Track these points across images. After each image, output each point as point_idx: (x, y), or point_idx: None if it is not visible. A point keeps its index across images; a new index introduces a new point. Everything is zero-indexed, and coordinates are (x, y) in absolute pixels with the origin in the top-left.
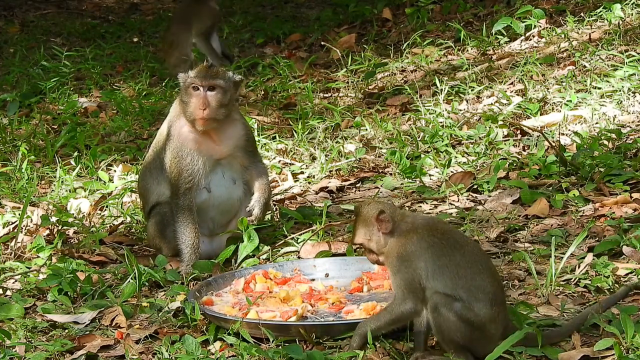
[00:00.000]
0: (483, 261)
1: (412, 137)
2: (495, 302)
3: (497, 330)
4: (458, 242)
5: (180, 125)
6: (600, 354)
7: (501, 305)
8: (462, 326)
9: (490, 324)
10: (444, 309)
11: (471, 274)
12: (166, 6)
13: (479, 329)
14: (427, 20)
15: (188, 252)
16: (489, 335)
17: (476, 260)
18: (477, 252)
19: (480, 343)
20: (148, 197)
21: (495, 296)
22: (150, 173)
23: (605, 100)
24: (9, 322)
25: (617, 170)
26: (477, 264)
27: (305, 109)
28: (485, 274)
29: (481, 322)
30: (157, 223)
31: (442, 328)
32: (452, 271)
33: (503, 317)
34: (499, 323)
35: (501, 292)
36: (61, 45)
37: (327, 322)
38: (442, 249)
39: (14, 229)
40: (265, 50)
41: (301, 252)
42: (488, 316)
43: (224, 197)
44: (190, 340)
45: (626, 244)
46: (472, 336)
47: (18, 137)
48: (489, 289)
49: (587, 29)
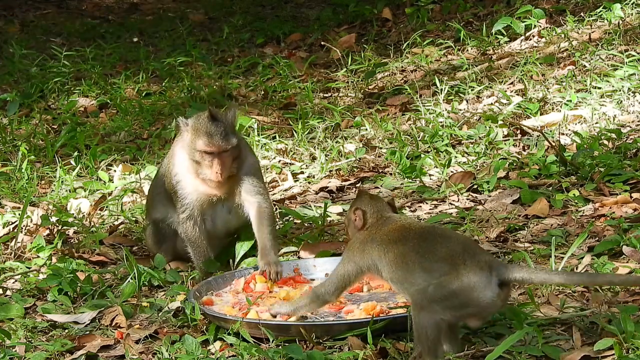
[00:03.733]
0: (430, 237)
1: (412, 137)
2: (453, 257)
3: (474, 278)
4: (404, 236)
5: (187, 173)
6: (600, 354)
7: (463, 255)
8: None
9: (460, 280)
10: (423, 308)
11: (417, 257)
12: (166, 6)
13: (456, 293)
14: (427, 20)
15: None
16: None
17: (420, 243)
18: (424, 234)
19: (473, 302)
20: (153, 211)
21: (451, 252)
22: (157, 195)
23: (605, 100)
24: (9, 322)
25: (617, 170)
26: (421, 246)
27: (305, 109)
28: (432, 246)
29: (452, 287)
30: (154, 235)
31: (419, 326)
32: (398, 262)
33: (475, 263)
34: (469, 272)
35: (460, 245)
36: (61, 45)
37: (327, 322)
38: (388, 246)
39: (14, 229)
40: (265, 50)
41: (301, 252)
42: (454, 275)
43: (219, 226)
44: (190, 340)
45: (626, 243)
46: (458, 304)
47: (18, 137)
48: (442, 253)
49: (587, 29)
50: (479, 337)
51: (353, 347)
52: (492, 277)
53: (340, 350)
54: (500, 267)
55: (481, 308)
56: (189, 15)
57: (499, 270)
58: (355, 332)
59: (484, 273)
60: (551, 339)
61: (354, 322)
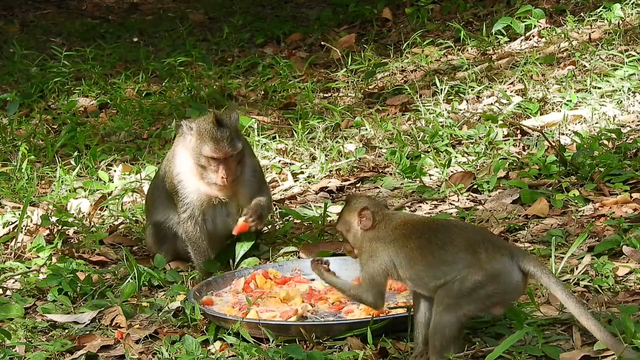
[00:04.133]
0: (444, 229)
1: (412, 137)
2: (473, 246)
3: (497, 265)
4: (418, 230)
5: (189, 175)
6: (600, 354)
7: (483, 243)
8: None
9: (484, 269)
10: (448, 306)
11: (436, 250)
12: (166, 6)
13: (483, 283)
14: (427, 20)
15: (198, 258)
16: (496, 277)
17: (436, 234)
18: (438, 226)
19: (499, 290)
20: (153, 213)
21: (470, 242)
22: (158, 196)
23: (605, 100)
24: (9, 322)
25: (617, 170)
26: (438, 237)
27: (305, 109)
28: (450, 237)
29: (479, 278)
30: (154, 236)
31: (438, 324)
32: (416, 256)
33: (496, 250)
34: (492, 260)
35: (478, 234)
36: (61, 45)
37: (327, 322)
38: (402, 240)
39: (14, 229)
40: (265, 50)
41: (301, 252)
42: (477, 266)
43: (220, 227)
44: (190, 340)
45: (626, 243)
46: (484, 294)
47: (18, 137)
48: (462, 243)
49: (587, 29)
50: (479, 337)
51: (352, 347)
52: (513, 262)
53: (340, 350)
54: (520, 255)
55: (507, 295)
56: (189, 15)
57: (519, 257)
58: (355, 332)
59: (506, 259)
60: (551, 339)
61: (353, 322)
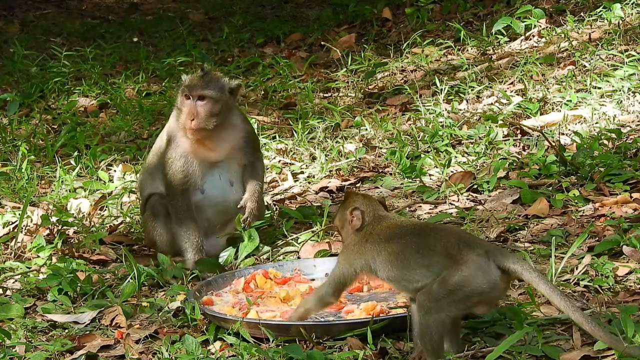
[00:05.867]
0: (422, 233)
1: (412, 137)
2: (448, 249)
3: (473, 266)
4: (398, 234)
5: (176, 129)
6: (600, 354)
7: (458, 245)
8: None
9: (460, 270)
10: (430, 309)
11: (413, 254)
12: (166, 6)
13: (460, 285)
14: (427, 20)
15: (191, 251)
16: (473, 278)
17: (413, 239)
18: (417, 230)
19: (477, 290)
20: (142, 192)
21: (446, 245)
22: (147, 172)
23: (605, 100)
24: (9, 322)
25: (617, 170)
26: (414, 242)
27: (305, 108)
28: (426, 241)
29: (455, 280)
30: (149, 215)
31: (424, 327)
32: (393, 260)
33: (471, 250)
34: (467, 261)
35: (454, 236)
36: (61, 45)
37: (327, 322)
38: (382, 244)
39: (14, 229)
40: (265, 50)
41: (301, 252)
42: (454, 268)
43: (219, 198)
44: (190, 340)
45: (626, 243)
46: (463, 296)
47: (18, 137)
48: (438, 247)
49: (587, 29)
50: (479, 337)
51: (352, 347)
52: (490, 261)
53: (340, 350)
54: (497, 253)
55: (486, 294)
56: (189, 15)
57: (495, 255)
58: (355, 332)
59: (482, 259)
60: (551, 339)
61: (354, 322)
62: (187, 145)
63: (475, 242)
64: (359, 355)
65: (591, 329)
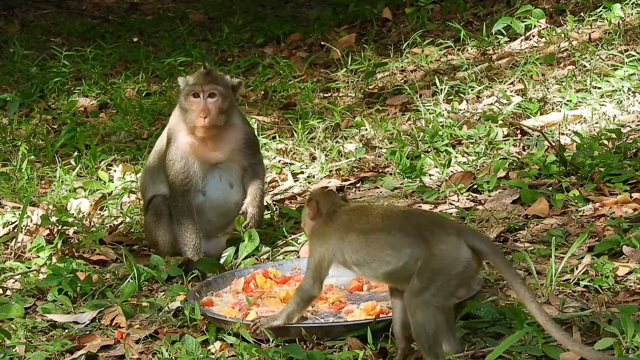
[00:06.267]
0: (392, 215)
1: (412, 137)
2: (420, 230)
3: (444, 246)
4: (366, 215)
5: (177, 130)
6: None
7: (430, 226)
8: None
9: (434, 254)
10: (417, 307)
11: (384, 235)
12: (166, 6)
13: (439, 268)
14: (427, 20)
15: (191, 252)
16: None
17: (384, 219)
18: (387, 212)
19: (454, 270)
20: (145, 195)
21: (418, 226)
22: (149, 174)
23: (605, 100)
24: (9, 322)
25: (617, 170)
26: (385, 222)
27: (305, 108)
28: (397, 222)
29: (432, 265)
30: (152, 215)
31: (417, 325)
32: (362, 241)
33: (442, 230)
34: (440, 242)
35: (426, 218)
36: (61, 45)
37: (328, 324)
38: (349, 225)
39: (14, 229)
40: (265, 50)
41: (301, 251)
42: (427, 251)
43: (220, 200)
44: (190, 340)
45: (626, 243)
46: (443, 280)
47: (18, 137)
48: (409, 228)
49: (587, 29)
50: (479, 337)
51: (352, 347)
52: (460, 240)
53: (340, 350)
54: (467, 233)
55: (462, 275)
56: (189, 15)
57: (466, 235)
58: (356, 333)
59: (452, 238)
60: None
61: (354, 324)
62: (188, 146)
63: (446, 222)
64: (359, 355)
65: (543, 322)
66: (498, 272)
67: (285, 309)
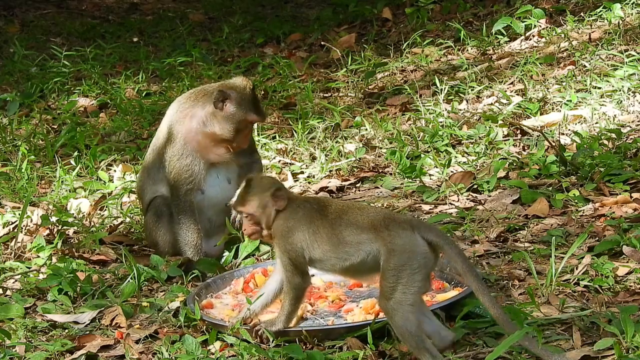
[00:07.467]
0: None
1: (412, 137)
2: (375, 226)
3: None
4: (325, 210)
5: (185, 126)
6: (600, 354)
7: (384, 221)
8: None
9: (391, 250)
10: (393, 309)
11: (342, 231)
12: (166, 6)
13: (401, 263)
14: (427, 20)
15: (191, 252)
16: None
17: (342, 216)
18: (343, 208)
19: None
20: (144, 196)
21: (373, 222)
22: (147, 173)
23: (605, 100)
24: (9, 322)
25: (617, 170)
26: (342, 219)
27: (305, 108)
28: (353, 218)
29: (394, 263)
30: (152, 215)
31: (398, 328)
32: (323, 237)
33: (396, 225)
34: (395, 236)
35: (380, 214)
36: (61, 45)
37: (328, 326)
38: (312, 218)
39: (14, 229)
40: (265, 50)
41: None
42: (384, 247)
43: (219, 197)
44: (190, 340)
45: (626, 243)
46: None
47: (18, 137)
48: (365, 223)
49: (587, 29)
50: (479, 337)
51: (352, 347)
52: (415, 233)
53: (340, 350)
54: (421, 226)
55: (423, 267)
56: (189, 15)
57: (420, 228)
58: (355, 333)
59: (407, 232)
60: (551, 339)
61: (354, 325)
62: (196, 145)
63: (401, 217)
64: (359, 355)
65: (495, 314)
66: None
67: (282, 312)
